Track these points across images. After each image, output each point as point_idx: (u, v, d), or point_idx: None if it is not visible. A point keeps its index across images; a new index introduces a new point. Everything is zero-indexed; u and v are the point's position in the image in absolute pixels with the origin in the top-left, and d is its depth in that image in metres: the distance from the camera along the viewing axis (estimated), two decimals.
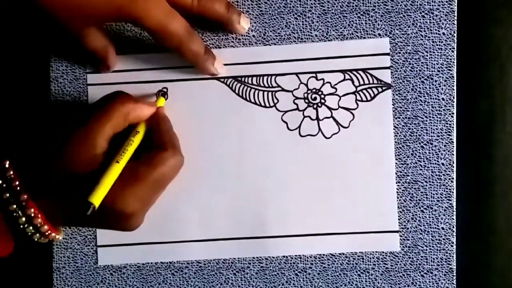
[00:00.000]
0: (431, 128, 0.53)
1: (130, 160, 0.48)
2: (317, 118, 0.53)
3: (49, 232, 0.48)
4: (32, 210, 0.47)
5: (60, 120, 0.55)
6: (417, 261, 0.53)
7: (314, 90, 0.53)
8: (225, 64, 0.54)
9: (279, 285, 0.54)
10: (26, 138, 0.55)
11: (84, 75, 0.55)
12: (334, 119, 0.53)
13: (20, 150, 0.50)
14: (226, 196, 0.54)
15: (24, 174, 0.47)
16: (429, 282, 0.53)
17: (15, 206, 0.46)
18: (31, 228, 0.47)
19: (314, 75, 0.53)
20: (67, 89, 0.55)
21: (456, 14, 0.52)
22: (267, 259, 0.54)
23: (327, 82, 0.53)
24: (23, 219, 0.47)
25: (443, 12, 0.52)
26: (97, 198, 0.45)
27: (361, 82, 0.53)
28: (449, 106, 0.53)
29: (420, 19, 0.53)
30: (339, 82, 0.53)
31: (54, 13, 0.47)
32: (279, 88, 0.54)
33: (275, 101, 0.54)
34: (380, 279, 0.53)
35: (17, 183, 0.47)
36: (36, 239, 0.48)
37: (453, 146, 0.53)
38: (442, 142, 0.53)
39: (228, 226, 0.54)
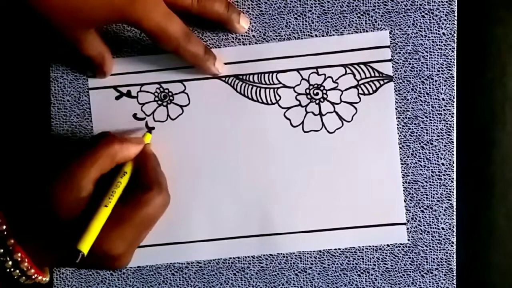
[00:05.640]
0: (431, 128, 0.53)
1: (116, 201, 0.48)
2: (320, 113, 0.53)
3: (36, 275, 0.48)
4: (19, 254, 0.47)
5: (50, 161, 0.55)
6: (417, 261, 0.53)
7: (315, 86, 0.53)
8: (226, 63, 0.54)
9: (279, 285, 0.54)
10: (16, 179, 0.55)
11: (84, 75, 0.55)
12: (337, 114, 0.53)
13: (8, 194, 0.50)
14: (232, 194, 0.54)
15: (11, 218, 0.47)
16: (429, 282, 0.53)
17: (2, 250, 0.47)
18: (17, 271, 0.47)
19: (315, 70, 0.53)
20: (67, 89, 0.55)
21: (456, 14, 0.52)
22: (267, 259, 0.54)
23: (329, 77, 0.53)
24: (10, 263, 0.47)
25: (443, 12, 0.52)
26: (86, 245, 0.45)
27: (363, 76, 0.53)
28: (449, 106, 0.53)
29: (420, 19, 0.53)
30: (340, 76, 0.53)
31: (53, 17, 0.47)
32: (281, 85, 0.54)
33: (277, 98, 0.54)
34: (380, 279, 0.53)
35: (4, 227, 0.47)
36: (22, 282, 0.48)
37: (453, 146, 0.53)
38: (442, 142, 0.53)
39: (235, 225, 0.54)
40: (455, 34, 0.52)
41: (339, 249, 0.54)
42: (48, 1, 0.46)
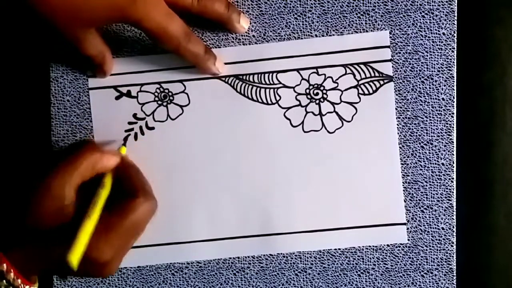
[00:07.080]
0: (431, 128, 0.53)
1: (103, 209, 0.48)
2: (320, 114, 0.53)
3: (22, 285, 0.48)
4: (4, 265, 0.47)
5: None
6: (417, 261, 0.53)
7: (315, 86, 0.53)
8: (226, 63, 0.54)
9: (279, 285, 0.54)
10: (15, 180, 0.55)
11: (84, 75, 0.55)
12: (337, 114, 0.53)
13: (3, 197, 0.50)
14: (232, 194, 0.54)
15: None
16: (429, 282, 0.53)
17: None
18: (4, 282, 0.47)
19: (315, 70, 0.53)
20: (67, 89, 0.55)
21: (456, 14, 0.52)
22: (267, 259, 0.54)
23: (329, 77, 0.53)
24: None
25: (443, 12, 0.52)
26: (74, 260, 0.45)
27: (363, 76, 0.53)
28: (449, 106, 0.53)
29: (420, 19, 0.53)
30: (340, 76, 0.53)
31: (54, 16, 0.47)
32: (281, 85, 0.54)
33: (277, 98, 0.54)
34: (380, 279, 0.53)
35: None
36: None
37: (453, 146, 0.53)
38: (442, 142, 0.53)
39: (235, 225, 0.54)
40: (455, 34, 0.52)
41: (339, 249, 0.54)
42: (48, 0, 0.46)
